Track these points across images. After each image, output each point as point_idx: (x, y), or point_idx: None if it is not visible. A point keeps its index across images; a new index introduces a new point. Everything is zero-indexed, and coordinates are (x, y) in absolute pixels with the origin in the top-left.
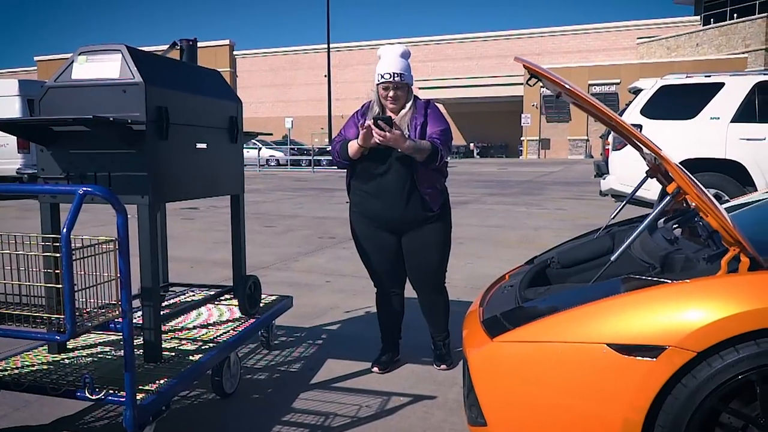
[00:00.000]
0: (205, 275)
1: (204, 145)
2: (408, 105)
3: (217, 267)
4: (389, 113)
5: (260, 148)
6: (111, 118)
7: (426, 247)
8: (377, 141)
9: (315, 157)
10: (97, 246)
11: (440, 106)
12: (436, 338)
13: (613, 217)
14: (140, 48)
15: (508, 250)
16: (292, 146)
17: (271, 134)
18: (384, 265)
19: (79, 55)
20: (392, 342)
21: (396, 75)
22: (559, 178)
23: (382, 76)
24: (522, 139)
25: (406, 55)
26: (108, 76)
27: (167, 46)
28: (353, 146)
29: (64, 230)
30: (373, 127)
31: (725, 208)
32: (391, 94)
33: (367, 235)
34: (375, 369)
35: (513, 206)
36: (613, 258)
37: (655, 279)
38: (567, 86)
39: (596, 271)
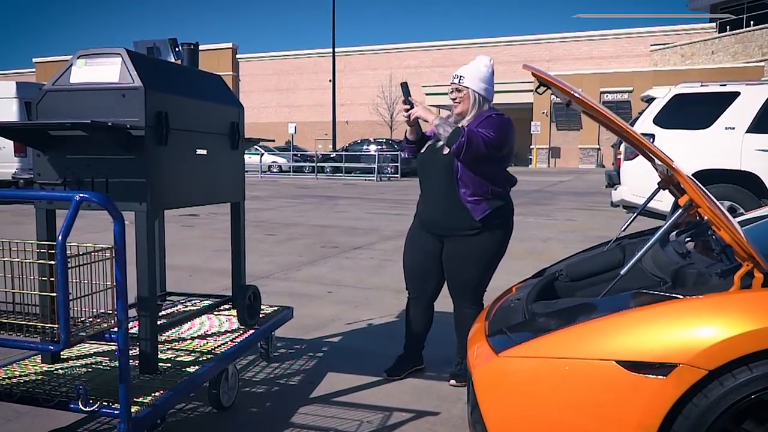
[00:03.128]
0: (203, 284)
1: (204, 152)
2: (470, 114)
3: (217, 276)
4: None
5: (262, 154)
6: (109, 123)
7: (466, 259)
8: (408, 116)
9: (318, 164)
10: (93, 254)
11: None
12: (460, 354)
13: (624, 229)
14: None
15: (515, 262)
16: (295, 152)
17: (273, 141)
18: (421, 268)
19: (78, 58)
20: (414, 351)
21: (456, 77)
22: (570, 188)
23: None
24: (531, 147)
25: (485, 66)
26: (107, 80)
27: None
28: (407, 126)
29: (60, 237)
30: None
31: (740, 222)
32: (452, 94)
33: (414, 234)
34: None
35: (521, 216)
36: (623, 272)
37: (666, 294)
38: (576, 95)
39: (606, 284)
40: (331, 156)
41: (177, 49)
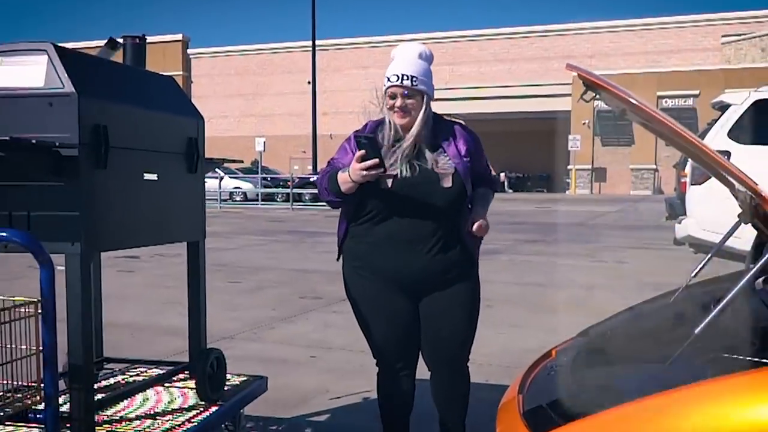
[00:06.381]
0: (150, 347)
1: (154, 176)
2: (419, 121)
3: (166, 336)
4: (393, 132)
5: (222, 178)
6: (33, 141)
7: (452, 309)
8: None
9: (295, 190)
10: (13, 310)
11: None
12: None
13: (695, 275)
14: (67, 45)
15: (552, 317)
16: (265, 175)
17: (242, 161)
18: (393, 338)
19: None
20: None
21: (407, 77)
22: (619, 221)
23: (389, 79)
24: (569, 168)
25: (426, 57)
26: (29, 84)
27: (103, 43)
28: (344, 181)
29: None
30: (358, 168)
31: None
32: (398, 102)
33: (372, 297)
34: None
35: (558, 258)
36: (697, 331)
37: (755, 360)
38: (635, 102)
39: (673, 347)
40: (311, 180)
41: (117, 44)
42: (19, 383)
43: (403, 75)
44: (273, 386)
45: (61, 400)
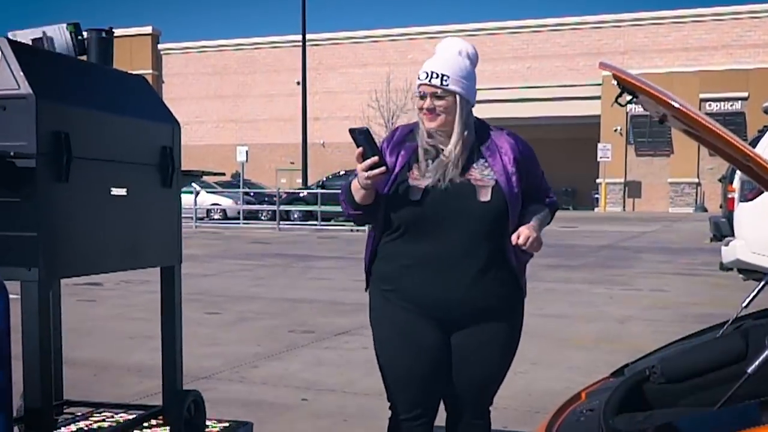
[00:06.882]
0: (115, 388)
1: (123, 191)
2: (456, 131)
3: (134, 375)
4: (426, 137)
5: (198, 193)
6: None
7: (487, 348)
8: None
9: (282, 207)
10: None
11: None
12: None
13: (746, 305)
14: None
15: (580, 354)
16: (247, 190)
17: (223, 174)
18: (418, 376)
19: None
20: None
21: (436, 75)
22: (657, 242)
23: (419, 76)
24: (598, 181)
25: (467, 56)
26: None
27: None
28: (356, 188)
29: None
30: (359, 170)
31: None
32: (426, 103)
33: (400, 325)
34: None
35: (586, 285)
36: (750, 369)
37: None
38: (678, 106)
39: (722, 388)
40: (301, 195)
41: (80, 38)
42: None
43: (432, 73)
44: None
45: None
